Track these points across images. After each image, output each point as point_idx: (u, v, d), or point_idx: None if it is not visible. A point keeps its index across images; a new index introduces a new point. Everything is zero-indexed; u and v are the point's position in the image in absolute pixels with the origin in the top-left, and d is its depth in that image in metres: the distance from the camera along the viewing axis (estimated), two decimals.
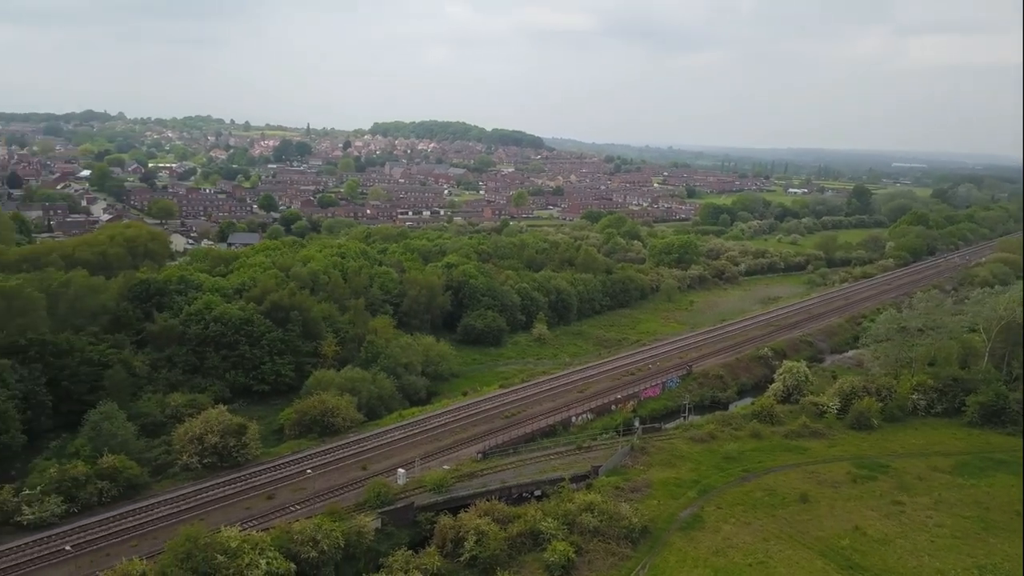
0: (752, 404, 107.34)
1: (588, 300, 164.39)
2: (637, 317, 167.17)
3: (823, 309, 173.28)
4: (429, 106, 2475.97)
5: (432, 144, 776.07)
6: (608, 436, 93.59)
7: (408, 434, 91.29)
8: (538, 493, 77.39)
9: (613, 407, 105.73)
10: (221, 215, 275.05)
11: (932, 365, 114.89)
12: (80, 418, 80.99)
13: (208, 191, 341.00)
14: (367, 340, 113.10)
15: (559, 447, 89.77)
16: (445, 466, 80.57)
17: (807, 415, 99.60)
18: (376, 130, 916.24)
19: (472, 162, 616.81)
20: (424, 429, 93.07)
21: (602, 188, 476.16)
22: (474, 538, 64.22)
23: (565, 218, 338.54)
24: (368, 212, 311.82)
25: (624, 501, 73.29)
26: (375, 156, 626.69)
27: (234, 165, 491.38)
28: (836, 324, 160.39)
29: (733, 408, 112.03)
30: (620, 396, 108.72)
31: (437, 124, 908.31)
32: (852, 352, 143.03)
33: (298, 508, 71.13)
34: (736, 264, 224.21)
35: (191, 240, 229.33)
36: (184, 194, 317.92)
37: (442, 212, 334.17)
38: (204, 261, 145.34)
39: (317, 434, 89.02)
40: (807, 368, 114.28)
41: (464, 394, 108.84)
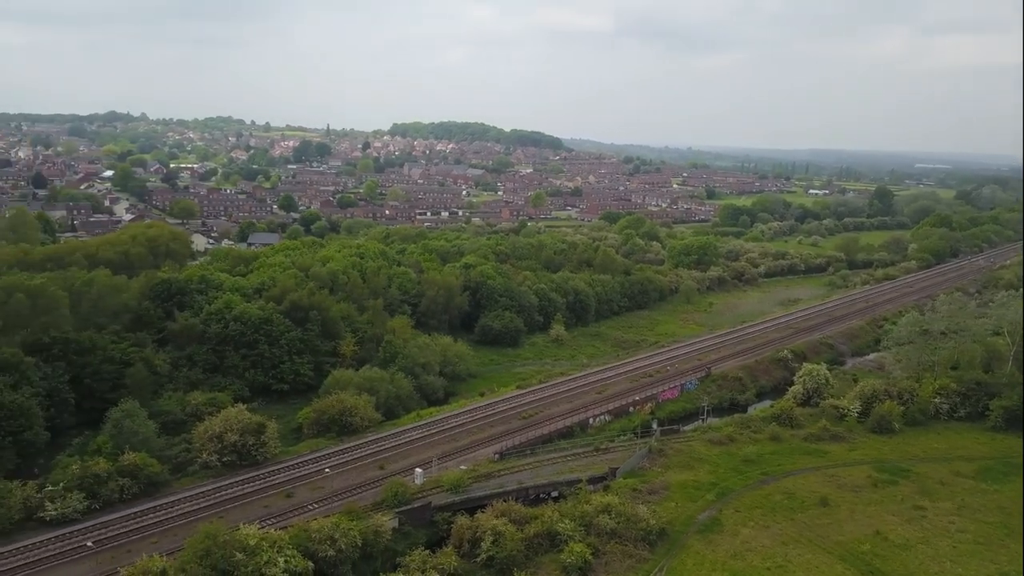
0: (771, 407, 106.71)
1: (606, 301, 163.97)
2: (655, 319, 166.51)
3: (844, 311, 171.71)
4: (448, 107, 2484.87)
5: (451, 145, 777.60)
6: (626, 438, 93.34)
7: (426, 434, 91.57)
8: (555, 494, 77.36)
9: (631, 409, 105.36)
10: (241, 215, 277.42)
11: (955, 369, 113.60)
12: (102, 415, 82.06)
13: (229, 191, 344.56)
14: (385, 340, 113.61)
15: (576, 448, 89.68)
16: (462, 466, 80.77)
17: (827, 418, 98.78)
18: (395, 131, 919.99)
19: (490, 163, 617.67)
20: (441, 429, 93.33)
21: (621, 189, 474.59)
22: (491, 538, 64.28)
23: (583, 219, 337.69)
24: (387, 213, 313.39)
25: (642, 503, 72.97)
26: (394, 157, 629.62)
27: (254, 166, 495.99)
28: (857, 327, 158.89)
29: (752, 411, 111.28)
30: (638, 398, 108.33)
31: (456, 125, 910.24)
32: (873, 355, 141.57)
33: (316, 507, 71.57)
34: (756, 266, 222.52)
35: (212, 240, 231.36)
36: (205, 194, 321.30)
37: (460, 213, 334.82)
38: (224, 261, 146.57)
39: (335, 433, 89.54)
40: (827, 371, 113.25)
41: (481, 394, 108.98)
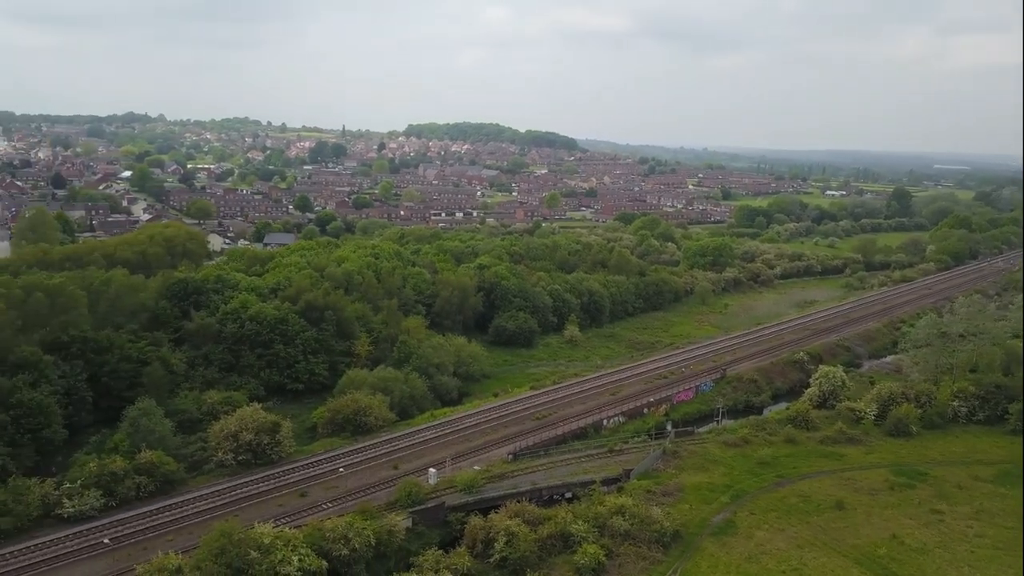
0: (787, 409, 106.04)
1: (621, 302, 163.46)
2: (670, 320, 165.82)
3: (861, 313, 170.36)
4: (463, 108, 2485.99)
5: (465, 146, 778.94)
6: (640, 439, 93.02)
7: (439, 434, 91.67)
8: (569, 495, 77.25)
9: (645, 410, 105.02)
10: (257, 215, 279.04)
11: (974, 372, 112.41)
12: (119, 414, 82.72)
13: (245, 192, 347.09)
14: (400, 340, 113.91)
15: (590, 449, 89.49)
16: (476, 467, 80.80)
17: (843, 421, 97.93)
18: (410, 132, 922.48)
19: (505, 163, 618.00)
20: (455, 429, 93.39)
21: (636, 190, 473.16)
22: (504, 539, 64.25)
23: (598, 220, 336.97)
24: (402, 213, 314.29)
25: (655, 505, 72.72)
26: (409, 158, 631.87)
27: (270, 166, 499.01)
28: (874, 329, 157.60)
29: (767, 413, 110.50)
30: (652, 399, 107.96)
31: (470, 126, 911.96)
32: (890, 357, 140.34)
33: (330, 506, 71.83)
34: (772, 267, 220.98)
35: (228, 240, 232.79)
36: (222, 195, 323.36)
37: (475, 213, 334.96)
38: (240, 261, 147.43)
39: (350, 433, 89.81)
40: (844, 373, 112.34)
41: (495, 395, 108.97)
